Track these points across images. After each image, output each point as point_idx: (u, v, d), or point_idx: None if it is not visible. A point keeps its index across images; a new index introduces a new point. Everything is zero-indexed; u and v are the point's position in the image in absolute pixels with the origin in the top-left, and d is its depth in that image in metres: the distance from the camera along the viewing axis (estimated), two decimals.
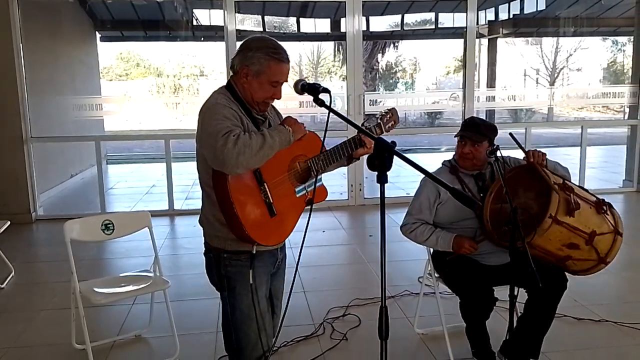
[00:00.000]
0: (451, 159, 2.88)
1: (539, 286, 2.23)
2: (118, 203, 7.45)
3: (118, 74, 20.40)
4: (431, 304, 3.24)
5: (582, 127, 7.19)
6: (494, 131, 2.77)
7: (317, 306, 3.63)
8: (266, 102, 2.04)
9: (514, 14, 11.32)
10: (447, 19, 11.71)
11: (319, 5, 9.98)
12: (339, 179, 6.71)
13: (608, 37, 15.99)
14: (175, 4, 9.04)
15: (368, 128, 2.21)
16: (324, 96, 1.92)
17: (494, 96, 11.34)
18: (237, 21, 6.28)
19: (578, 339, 3.13)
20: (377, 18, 11.61)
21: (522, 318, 2.66)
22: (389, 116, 2.27)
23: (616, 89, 8.34)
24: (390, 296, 3.73)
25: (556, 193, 2.37)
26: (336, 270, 4.53)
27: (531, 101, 9.84)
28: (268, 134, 1.89)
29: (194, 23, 9.99)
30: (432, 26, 12.27)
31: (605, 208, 2.51)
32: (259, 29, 9.77)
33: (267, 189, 1.96)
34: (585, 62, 19.88)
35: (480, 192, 2.73)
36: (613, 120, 13.00)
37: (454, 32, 11.29)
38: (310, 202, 2.07)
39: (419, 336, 3.19)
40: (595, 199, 2.55)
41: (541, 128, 12.70)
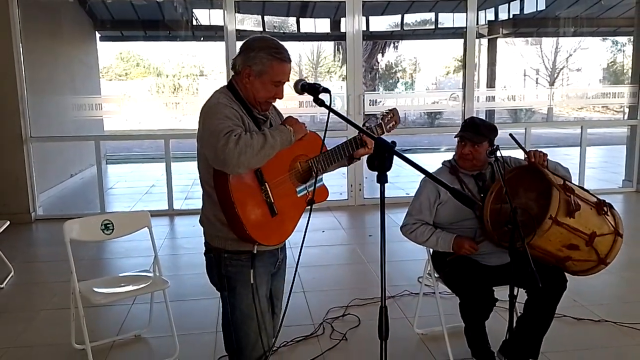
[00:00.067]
0: (451, 159, 2.87)
1: (539, 286, 2.23)
2: (117, 203, 7.45)
3: (118, 73, 20.41)
4: (431, 304, 3.24)
5: (581, 127, 7.20)
6: (494, 131, 2.77)
7: (316, 306, 3.63)
8: (268, 102, 2.05)
9: (513, 14, 11.32)
10: (447, 19, 11.72)
11: (319, 5, 9.99)
12: (339, 179, 6.70)
13: (608, 37, 15.99)
14: (175, 4, 9.04)
15: (369, 128, 2.21)
16: (324, 96, 1.92)
17: (494, 96, 11.34)
18: (237, 21, 6.28)
19: (578, 339, 3.13)
20: (377, 18, 11.62)
21: (522, 318, 2.66)
22: (390, 116, 2.27)
23: (616, 89, 8.34)
24: (390, 296, 3.73)
25: (557, 191, 2.37)
26: (336, 270, 4.53)
27: (531, 101, 9.81)
28: (269, 133, 1.89)
29: (194, 23, 9.98)
30: (432, 26, 12.28)
31: (606, 209, 2.51)
32: (258, 29, 9.78)
33: (268, 189, 1.95)
34: (585, 62, 19.92)
35: (480, 193, 2.73)
36: (613, 121, 13.02)
37: (453, 32, 11.30)
38: (311, 202, 2.07)
39: (418, 336, 3.19)
40: (596, 199, 2.55)
41: (541, 128, 12.69)
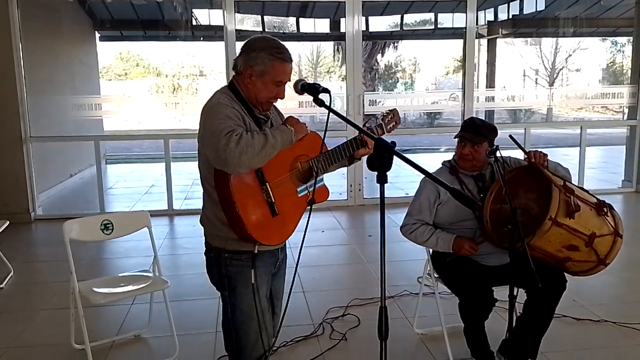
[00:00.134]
0: (451, 160, 2.87)
1: (539, 287, 2.24)
2: (117, 203, 7.45)
3: (117, 73, 20.42)
4: (430, 304, 3.24)
5: (581, 128, 7.21)
6: (493, 132, 2.77)
7: (316, 306, 3.63)
8: (270, 102, 2.05)
9: (513, 15, 11.34)
10: (446, 19, 11.75)
11: (319, 5, 9.99)
12: (339, 179, 6.70)
13: (607, 37, 16.03)
14: (174, 4, 9.05)
15: (369, 128, 2.21)
16: (323, 96, 1.92)
17: (494, 96, 11.37)
18: (237, 21, 6.28)
19: (577, 339, 3.13)
20: (377, 18, 11.63)
21: (521, 318, 2.66)
22: (390, 117, 2.27)
23: (615, 90, 8.34)
24: (390, 296, 3.73)
25: (557, 190, 2.37)
26: (336, 270, 4.53)
27: (530, 101, 9.81)
28: (270, 133, 1.89)
29: (194, 23, 9.99)
30: (432, 26, 12.30)
31: (606, 210, 2.51)
32: (258, 29, 9.79)
33: (269, 189, 1.95)
34: (584, 62, 19.95)
35: (480, 193, 2.73)
36: (612, 121, 13.04)
37: (453, 33, 11.32)
38: (312, 202, 2.07)
39: (418, 336, 3.19)
40: (596, 200, 2.55)
41: (540, 128, 12.69)
